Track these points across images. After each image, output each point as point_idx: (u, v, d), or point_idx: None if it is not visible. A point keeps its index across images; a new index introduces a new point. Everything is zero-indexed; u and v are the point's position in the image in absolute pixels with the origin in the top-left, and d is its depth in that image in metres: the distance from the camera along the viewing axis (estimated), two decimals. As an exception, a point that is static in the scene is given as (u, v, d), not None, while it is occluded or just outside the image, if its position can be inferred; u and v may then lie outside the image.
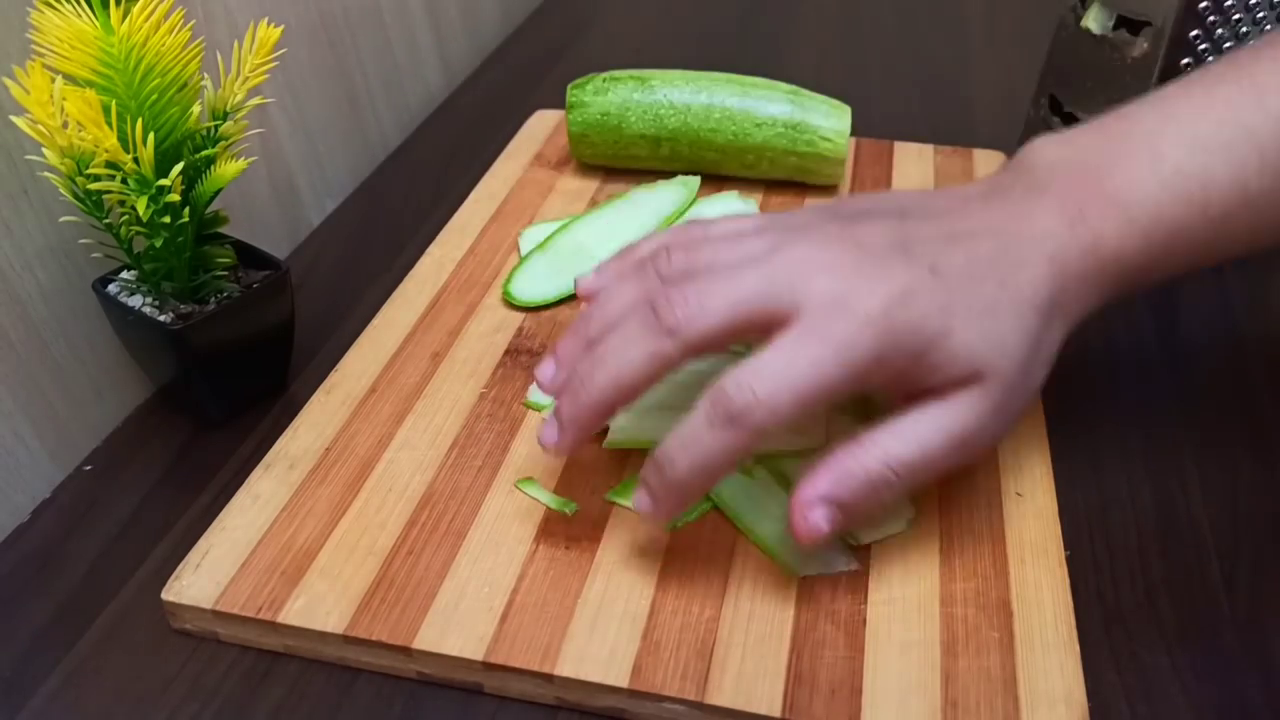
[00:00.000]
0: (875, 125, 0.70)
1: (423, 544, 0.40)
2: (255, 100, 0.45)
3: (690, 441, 0.34)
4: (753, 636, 0.36)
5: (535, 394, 0.47)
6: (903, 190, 0.34)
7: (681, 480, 0.34)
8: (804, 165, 0.60)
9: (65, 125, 0.39)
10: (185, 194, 0.43)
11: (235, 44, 0.44)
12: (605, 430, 0.43)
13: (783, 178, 0.62)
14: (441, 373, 0.49)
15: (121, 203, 0.42)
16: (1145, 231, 0.37)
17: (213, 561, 0.39)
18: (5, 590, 0.41)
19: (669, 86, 0.61)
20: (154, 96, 0.41)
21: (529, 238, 0.57)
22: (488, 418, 0.46)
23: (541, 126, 0.70)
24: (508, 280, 0.54)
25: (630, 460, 0.44)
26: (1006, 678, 0.35)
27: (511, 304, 0.53)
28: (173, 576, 0.39)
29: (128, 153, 0.39)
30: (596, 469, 0.43)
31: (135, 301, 0.46)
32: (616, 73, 0.63)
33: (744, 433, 0.33)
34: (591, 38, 0.91)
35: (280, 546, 0.40)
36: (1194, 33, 0.52)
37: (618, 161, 0.63)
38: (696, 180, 0.60)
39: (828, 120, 0.60)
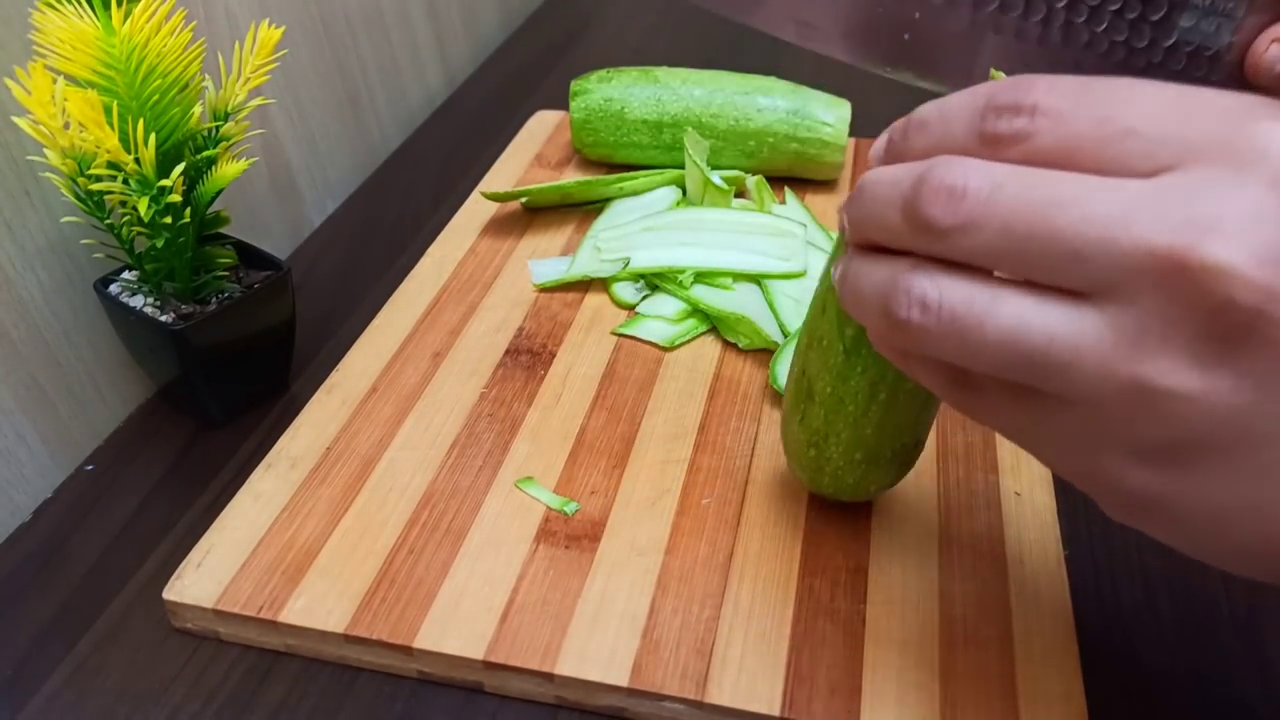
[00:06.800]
0: (875, 126, 0.70)
1: (423, 544, 0.40)
2: (256, 101, 0.45)
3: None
4: (752, 636, 0.36)
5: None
6: None
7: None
8: (805, 152, 0.61)
9: (67, 126, 0.39)
10: (186, 194, 0.43)
11: (236, 45, 0.44)
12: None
13: (783, 170, 0.62)
14: (442, 373, 0.49)
15: (123, 203, 0.42)
16: None
17: (214, 561, 0.39)
18: (7, 590, 0.42)
19: (672, 78, 0.62)
20: (155, 97, 0.41)
21: (539, 270, 0.56)
22: (488, 418, 0.46)
23: (541, 127, 0.70)
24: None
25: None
26: (1005, 677, 0.35)
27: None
28: (174, 576, 0.39)
29: (129, 153, 0.40)
30: (596, 468, 0.43)
31: (137, 302, 0.46)
32: (620, 68, 0.64)
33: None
34: (591, 38, 0.91)
35: (281, 546, 0.40)
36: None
37: (619, 152, 0.63)
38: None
39: (828, 110, 0.60)
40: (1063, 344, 0.22)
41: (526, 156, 0.67)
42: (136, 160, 0.40)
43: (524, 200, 0.61)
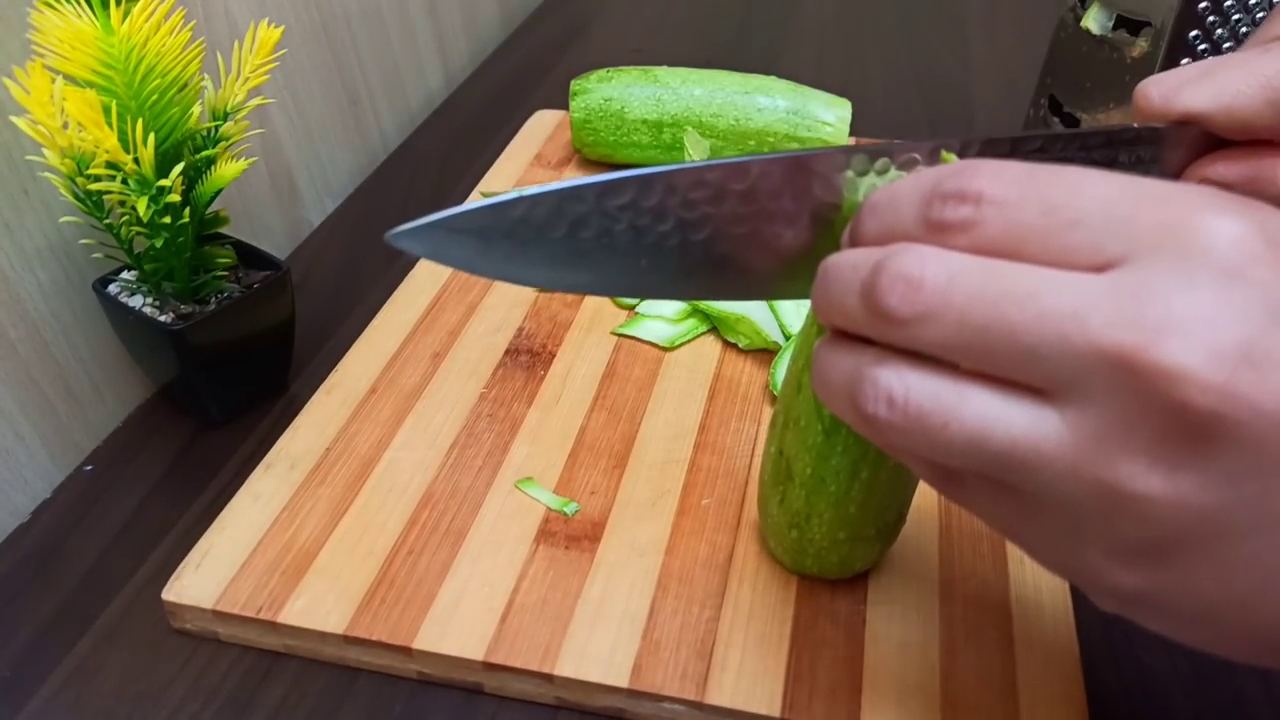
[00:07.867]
0: (875, 125, 0.70)
1: (423, 544, 0.40)
2: (256, 101, 0.45)
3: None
4: (752, 636, 0.36)
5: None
6: None
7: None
8: None
9: (66, 126, 0.39)
10: (186, 194, 0.43)
11: (236, 44, 0.44)
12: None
13: None
14: (441, 373, 0.49)
15: (122, 203, 0.42)
16: None
17: (213, 561, 0.39)
18: (6, 590, 0.41)
19: (672, 78, 0.62)
20: (154, 97, 0.41)
21: None
22: (488, 418, 0.46)
23: (541, 126, 0.70)
24: None
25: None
26: (1006, 678, 0.35)
27: None
28: (173, 576, 0.39)
29: (128, 153, 0.39)
30: (596, 468, 0.43)
31: (136, 302, 0.46)
32: (620, 68, 0.64)
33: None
34: (591, 38, 0.91)
35: (280, 546, 0.40)
36: (1193, 33, 0.52)
37: (619, 152, 0.63)
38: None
39: (829, 109, 0.60)
40: (1027, 446, 0.22)
41: (526, 156, 0.67)
42: (135, 160, 0.40)
43: None
